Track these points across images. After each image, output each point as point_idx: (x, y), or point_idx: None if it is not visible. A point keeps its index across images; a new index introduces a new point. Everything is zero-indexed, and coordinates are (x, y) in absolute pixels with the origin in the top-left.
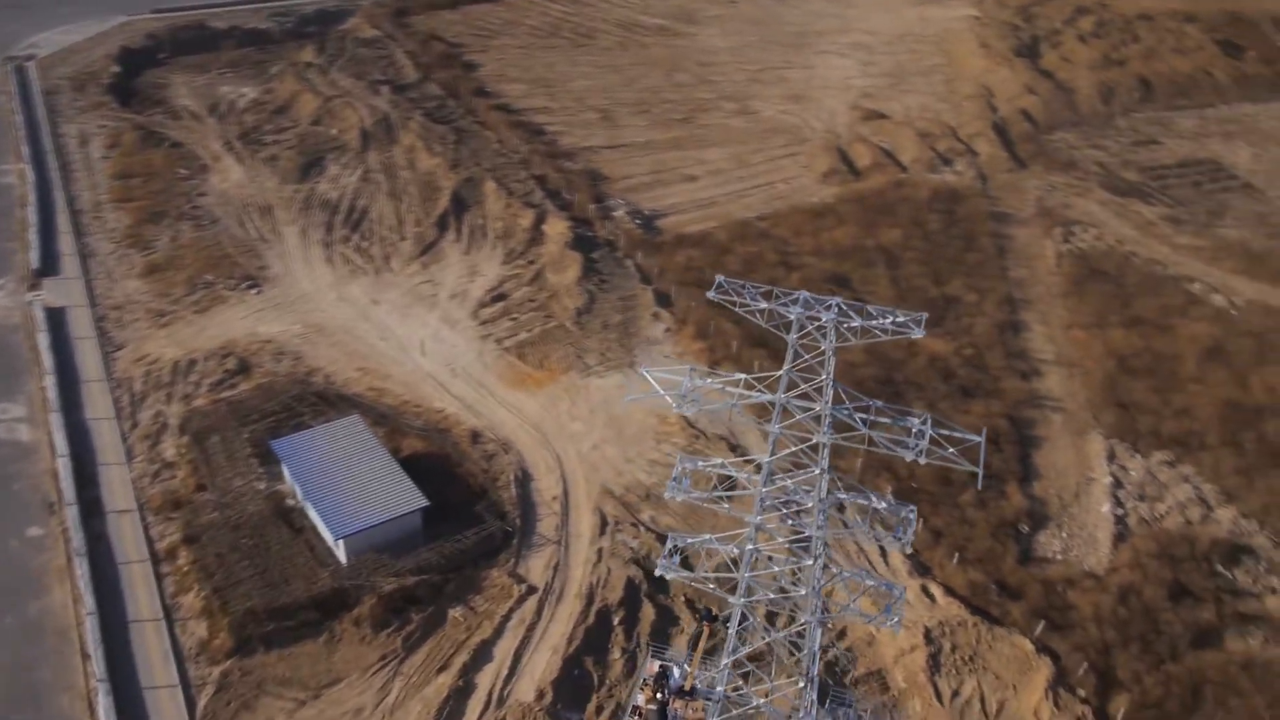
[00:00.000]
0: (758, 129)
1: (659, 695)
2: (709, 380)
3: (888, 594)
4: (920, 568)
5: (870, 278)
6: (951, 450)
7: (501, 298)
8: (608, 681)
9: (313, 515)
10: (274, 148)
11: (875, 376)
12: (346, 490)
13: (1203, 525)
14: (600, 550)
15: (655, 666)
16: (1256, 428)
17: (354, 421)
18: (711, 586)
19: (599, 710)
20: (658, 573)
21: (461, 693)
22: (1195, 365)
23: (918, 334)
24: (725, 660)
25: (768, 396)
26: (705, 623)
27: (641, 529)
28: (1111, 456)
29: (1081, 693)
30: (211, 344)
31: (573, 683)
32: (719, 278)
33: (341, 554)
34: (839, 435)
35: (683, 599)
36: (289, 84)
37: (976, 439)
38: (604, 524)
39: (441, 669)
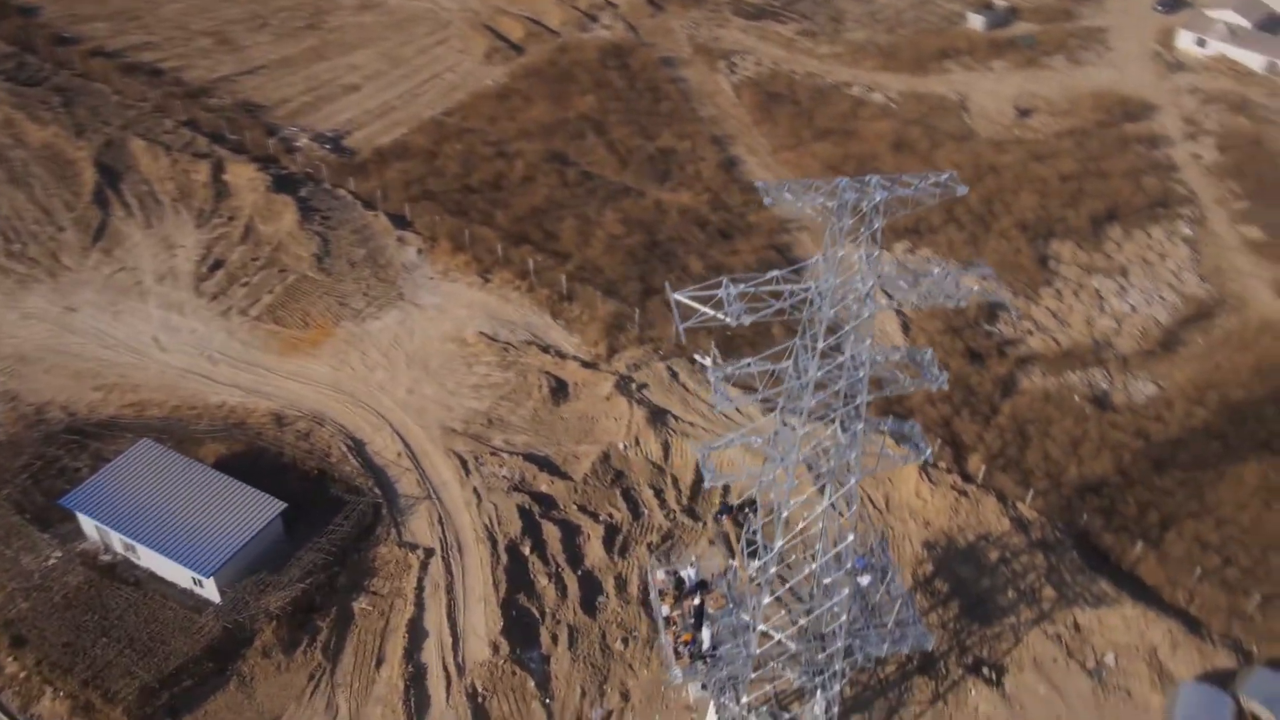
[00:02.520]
0: (393, 20)
1: (696, 600)
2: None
3: (903, 431)
4: (770, 404)
5: (586, 149)
6: (977, 288)
7: (219, 265)
8: (548, 610)
9: (150, 562)
10: None
11: (641, 243)
12: (188, 523)
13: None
14: (475, 489)
15: (660, 575)
16: (961, 201)
17: (146, 446)
18: (762, 481)
19: (554, 640)
20: (707, 485)
21: (416, 679)
22: (891, 159)
23: (962, 191)
24: (778, 544)
25: (801, 286)
26: (725, 516)
27: (504, 455)
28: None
29: (943, 465)
30: None
31: (517, 625)
32: (759, 183)
33: (213, 591)
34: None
35: (575, 507)
36: None
37: (988, 268)
38: (464, 463)
39: (380, 663)
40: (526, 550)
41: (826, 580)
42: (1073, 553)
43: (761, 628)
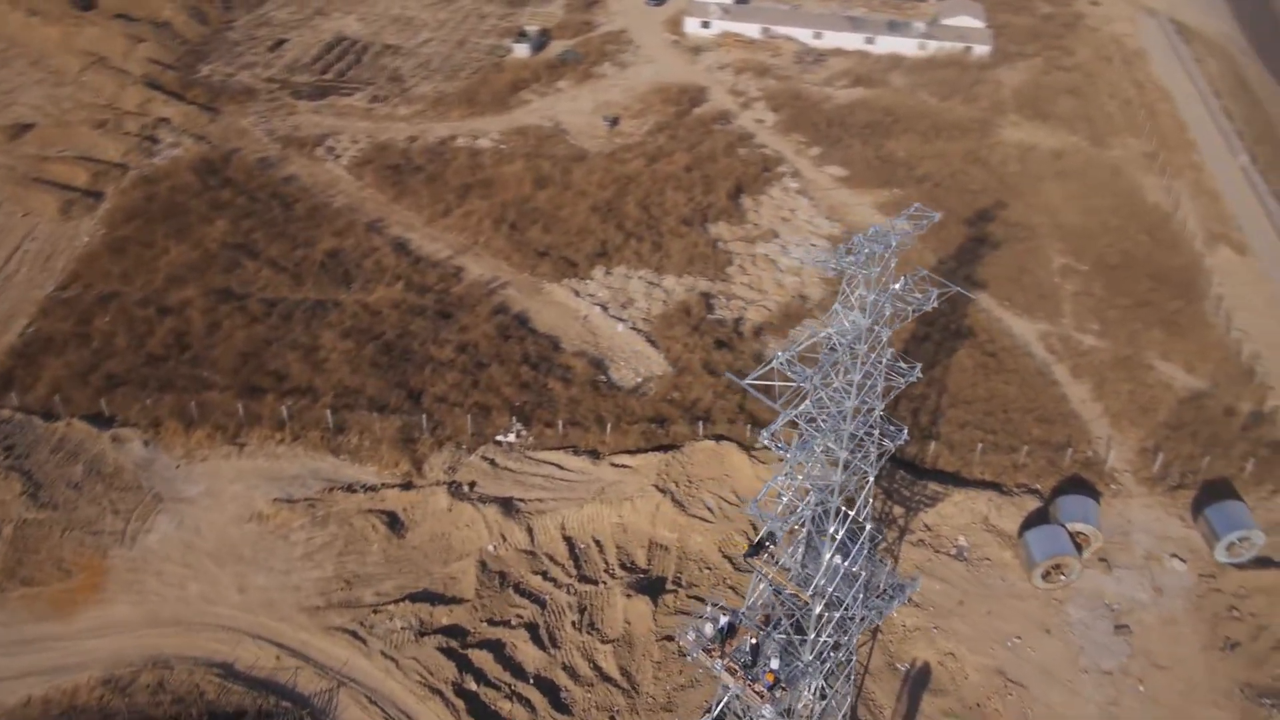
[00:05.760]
0: None
1: (751, 639)
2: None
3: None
4: (593, 454)
5: (250, 277)
6: (937, 290)
7: None
8: None
9: None
10: None
11: (377, 349)
12: None
13: (677, 296)
14: (383, 653)
15: (691, 635)
16: (620, 211)
17: None
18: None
19: None
20: (777, 531)
21: None
22: (541, 196)
23: (936, 217)
24: (827, 557)
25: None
26: (754, 557)
27: (388, 607)
28: (577, 294)
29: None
30: None
31: None
32: (812, 261)
33: None
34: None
35: (484, 624)
36: None
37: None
38: (353, 634)
39: None
40: (473, 686)
41: (856, 573)
42: (900, 471)
43: (812, 635)
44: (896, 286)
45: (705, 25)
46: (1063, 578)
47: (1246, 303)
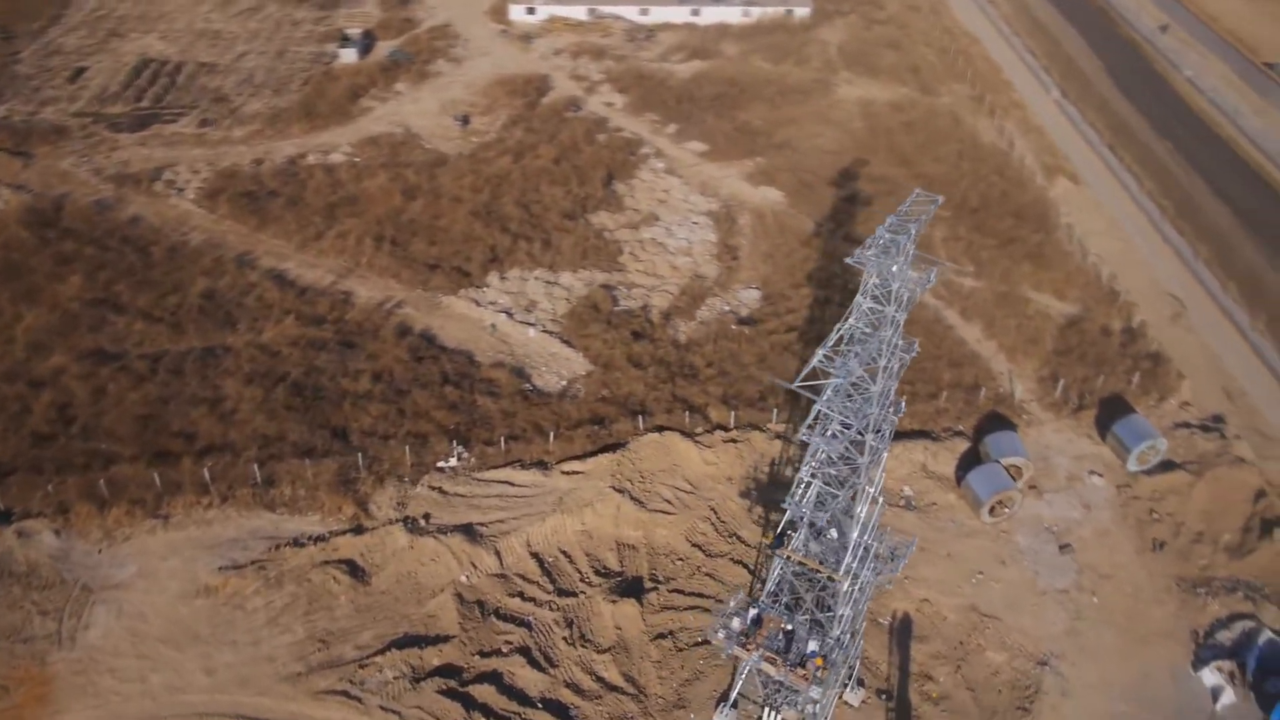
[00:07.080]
0: None
1: (786, 625)
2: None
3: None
4: (542, 465)
5: (123, 333)
6: (937, 269)
7: None
8: None
9: None
10: None
11: (287, 391)
12: None
13: (578, 292)
14: (382, 707)
15: (720, 635)
16: (500, 212)
17: None
18: (794, 497)
19: None
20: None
21: None
22: (414, 206)
23: (940, 201)
24: (853, 536)
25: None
26: (779, 546)
27: (374, 660)
28: (477, 303)
29: (701, 429)
30: None
31: None
32: (848, 259)
33: None
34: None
35: (477, 657)
36: None
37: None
38: (345, 693)
39: None
40: None
41: (869, 544)
42: None
43: (841, 611)
44: (894, 269)
45: (531, 11)
46: (1007, 511)
47: (1092, 228)
